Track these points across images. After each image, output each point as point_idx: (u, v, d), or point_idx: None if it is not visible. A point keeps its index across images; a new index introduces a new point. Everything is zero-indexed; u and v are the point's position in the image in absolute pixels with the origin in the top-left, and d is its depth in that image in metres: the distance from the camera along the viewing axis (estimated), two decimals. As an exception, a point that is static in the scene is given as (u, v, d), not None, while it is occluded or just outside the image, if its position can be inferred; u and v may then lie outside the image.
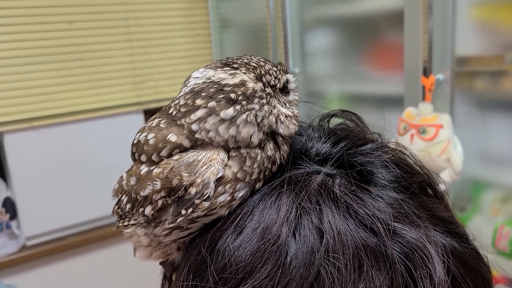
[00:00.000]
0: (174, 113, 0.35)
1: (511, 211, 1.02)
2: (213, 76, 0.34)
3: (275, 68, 0.36)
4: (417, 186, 0.36)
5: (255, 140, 0.34)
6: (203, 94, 0.33)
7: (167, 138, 0.34)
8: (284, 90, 0.37)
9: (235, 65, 0.35)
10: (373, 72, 1.34)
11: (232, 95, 0.33)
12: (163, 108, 0.37)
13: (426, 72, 1.08)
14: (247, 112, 0.33)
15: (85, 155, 1.78)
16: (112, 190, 0.40)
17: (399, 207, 0.32)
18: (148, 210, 0.35)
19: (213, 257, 0.32)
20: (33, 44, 1.64)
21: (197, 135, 0.33)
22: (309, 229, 0.31)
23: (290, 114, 0.36)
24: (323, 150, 0.37)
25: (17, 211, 1.70)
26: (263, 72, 0.35)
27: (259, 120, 0.34)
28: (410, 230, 0.31)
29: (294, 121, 0.37)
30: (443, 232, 0.33)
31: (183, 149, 0.34)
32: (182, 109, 0.34)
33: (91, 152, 1.79)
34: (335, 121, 0.42)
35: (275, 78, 0.36)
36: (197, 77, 0.35)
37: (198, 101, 0.33)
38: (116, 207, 0.40)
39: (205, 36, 1.97)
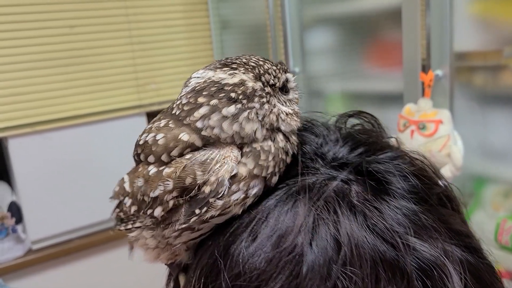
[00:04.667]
0: (178, 113, 0.35)
1: (513, 205, 1.02)
2: (213, 76, 0.34)
3: (274, 67, 0.36)
4: (435, 197, 0.35)
5: (259, 135, 0.34)
6: (204, 92, 0.34)
7: (179, 137, 0.34)
8: (284, 89, 0.37)
9: (234, 65, 0.35)
10: (373, 69, 1.34)
11: (233, 94, 0.33)
12: (164, 110, 0.37)
13: (425, 69, 1.08)
14: (248, 110, 0.33)
15: (89, 158, 1.79)
16: (112, 192, 0.40)
17: (418, 220, 0.32)
18: (158, 212, 0.34)
19: (226, 262, 0.32)
20: (35, 49, 1.65)
21: (203, 133, 0.33)
22: (327, 240, 0.30)
23: (291, 111, 0.36)
24: (340, 154, 0.36)
25: (23, 215, 1.71)
26: (261, 71, 0.35)
27: (260, 118, 0.34)
28: (430, 246, 0.30)
29: (296, 118, 0.37)
30: (459, 246, 0.32)
31: (195, 148, 0.34)
32: (185, 108, 0.34)
33: (95, 155, 1.80)
34: (351, 121, 0.42)
35: (274, 77, 0.36)
36: (198, 77, 0.35)
37: (201, 99, 0.34)
38: (117, 210, 0.39)
39: (205, 37, 1.97)
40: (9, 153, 1.66)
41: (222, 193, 0.32)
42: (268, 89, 0.35)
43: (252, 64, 0.35)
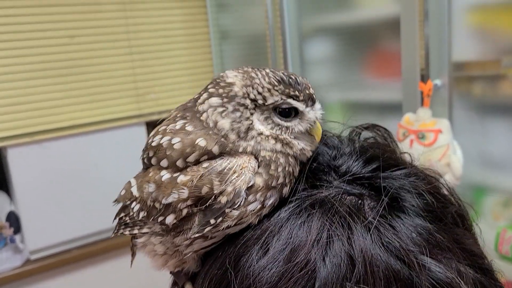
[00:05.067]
0: (194, 101, 0.36)
1: (513, 215, 1.01)
2: (229, 72, 0.36)
3: (269, 87, 0.35)
4: (450, 216, 0.35)
5: (232, 137, 0.34)
6: (214, 82, 0.36)
7: (196, 142, 0.34)
8: (283, 113, 0.36)
9: (243, 70, 0.36)
10: (372, 79, 1.35)
11: (220, 90, 0.35)
12: (179, 107, 0.38)
13: (424, 78, 1.09)
14: (223, 108, 0.34)
15: (88, 168, 1.79)
16: (118, 195, 0.39)
17: (432, 240, 0.31)
18: (170, 219, 0.34)
19: (237, 274, 0.31)
20: (34, 59, 1.65)
21: (202, 117, 0.35)
22: (341, 256, 0.29)
23: (267, 133, 0.35)
24: (354, 168, 0.36)
25: (21, 225, 1.70)
26: (249, 83, 0.35)
27: (230, 120, 0.34)
28: (445, 267, 0.30)
29: (272, 142, 0.35)
30: (472, 267, 0.32)
31: (212, 156, 0.34)
32: (201, 94, 0.37)
33: (94, 165, 1.80)
34: (363, 134, 0.41)
35: (258, 93, 0.35)
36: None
37: (209, 86, 0.36)
38: (123, 214, 0.39)
39: (205, 47, 1.98)
40: (8, 162, 1.66)
41: (238, 203, 0.32)
42: (246, 101, 0.35)
43: (253, 75, 0.35)
